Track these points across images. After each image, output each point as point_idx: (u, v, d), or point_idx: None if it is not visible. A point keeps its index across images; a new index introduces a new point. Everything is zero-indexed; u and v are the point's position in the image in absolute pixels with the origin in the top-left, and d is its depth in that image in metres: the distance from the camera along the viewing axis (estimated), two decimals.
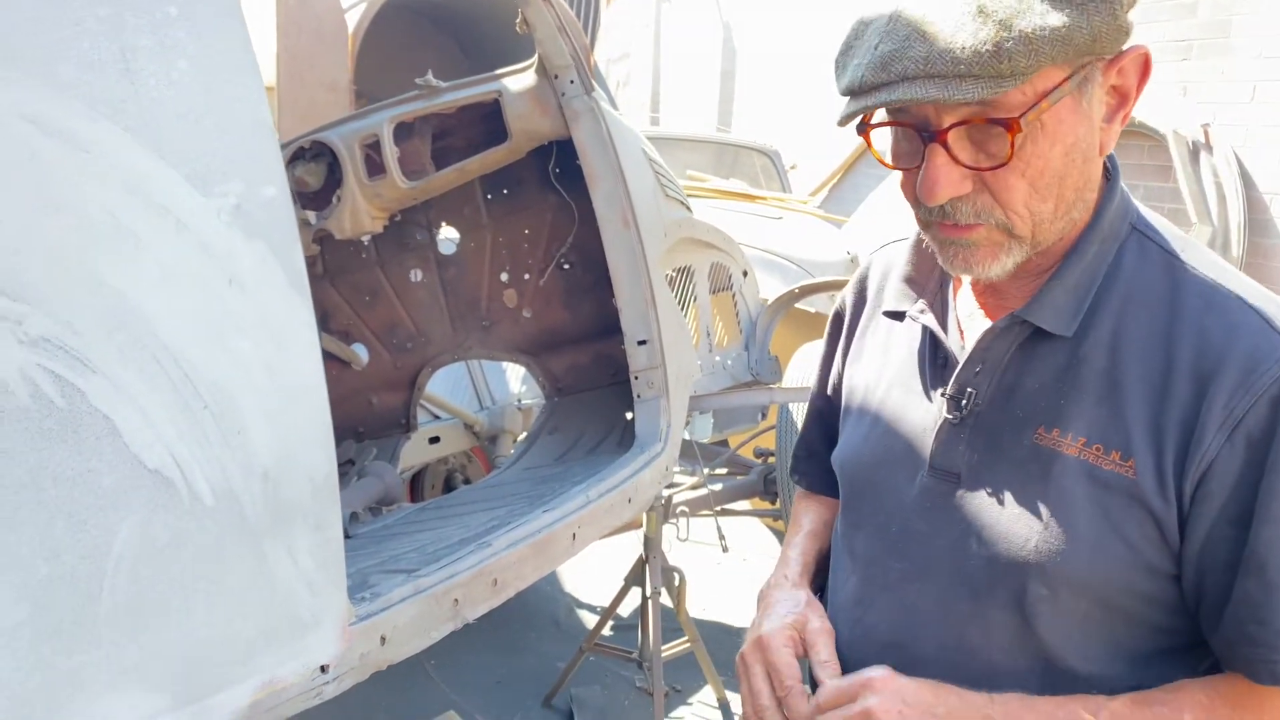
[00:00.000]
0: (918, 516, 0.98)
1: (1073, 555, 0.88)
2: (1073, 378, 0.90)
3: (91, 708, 0.95)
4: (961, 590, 0.94)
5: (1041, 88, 0.80)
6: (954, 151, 0.84)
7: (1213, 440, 0.83)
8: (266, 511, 1.11)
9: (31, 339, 0.92)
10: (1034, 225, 0.88)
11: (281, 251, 1.15)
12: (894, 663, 0.96)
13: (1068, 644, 0.91)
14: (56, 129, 0.94)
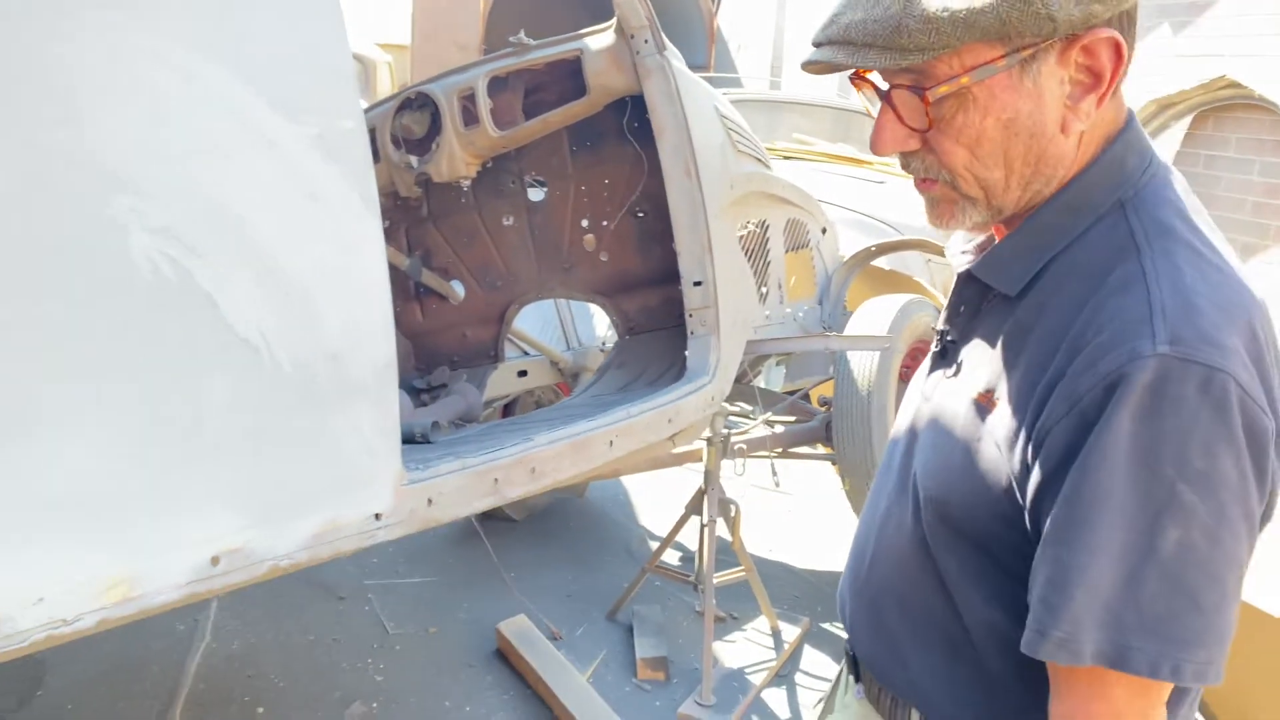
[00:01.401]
0: (906, 431, 1.10)
1: (952, 492, 0.96)
2: (1003, 332, 0.96)
3: (192, 517, 1.24)
4: (901, 504, 1.06)
5: (969, 62, 0.86)
6: (899, 110, 0.91)
7: (1056, 411, 0.84)
8: (334, 385, 1.37)
9: (152, 229, 1.19)
10: (983, 189, 0.93)
11: (356, 175, 1.41)
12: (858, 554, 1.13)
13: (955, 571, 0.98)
14: (172, 63, 1.21)
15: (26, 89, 1.08)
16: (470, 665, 2.95)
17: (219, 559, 1.26)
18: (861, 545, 1.15)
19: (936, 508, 0.98)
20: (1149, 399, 0.79)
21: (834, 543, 4.06)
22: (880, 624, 1.09)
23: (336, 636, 3.04)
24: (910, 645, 1.05)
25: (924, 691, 1.05)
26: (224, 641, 2.94)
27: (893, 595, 1.07)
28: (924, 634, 1.04)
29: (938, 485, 0.98)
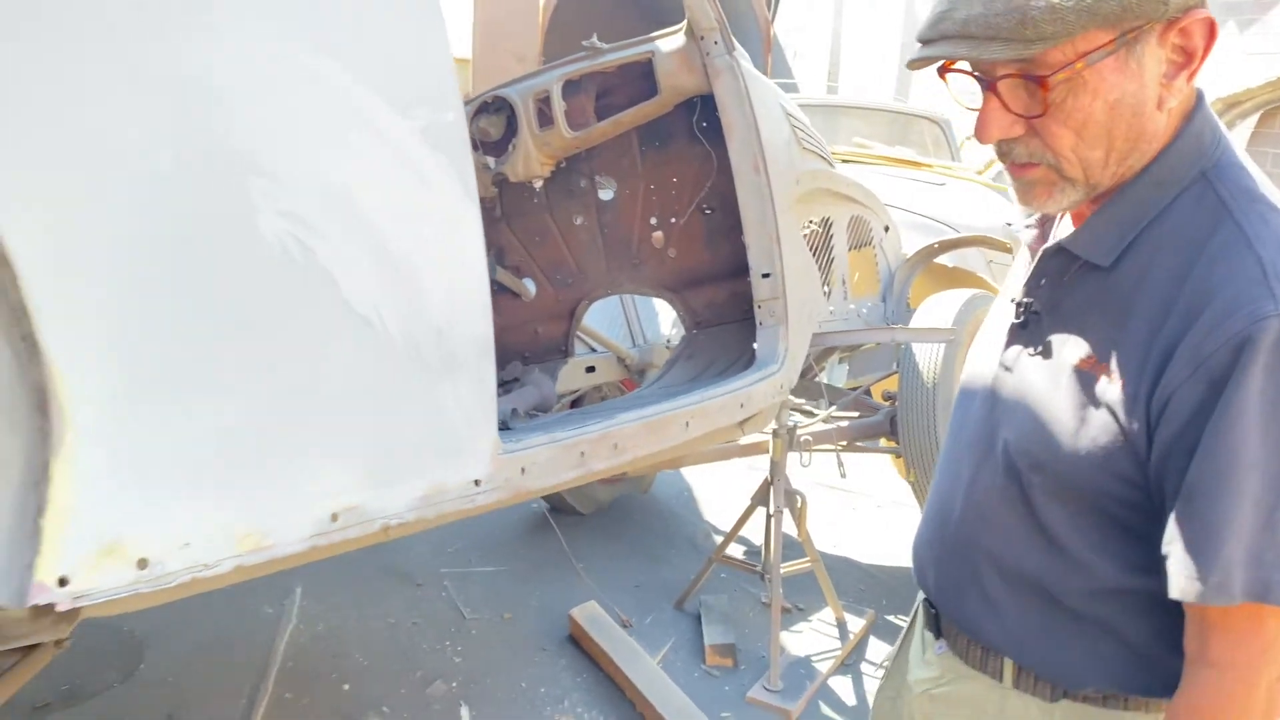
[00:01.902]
0: (983, 401, 1.16)
1: (1062, 453, 1.01)
2: (1100, 302, 1.01)
3: (315, 477, 1.35)
4: (991, 466, 1.11)
5: (1082, 48, 0.90)
6: (1005, 99, 0.96)
7: (1179, 372, 0.90)
8: (439, 358, 1.48)
9: (282, 211, 1.31)
10: (1084, 169, 0.98)
11: (457, 163, 1.52)
12: (942, 518, 1.20)
13: (1060, 528, 1.04)
14: (301, 63, 1.33)
15: (181, 83, 1.20)
16: (544, 649, 3.05)
17: (338, 515, 1.37)
18: (943, 510, 1.21)
19: (1043, 471, 1.03)
20: (1276, 358, 0.86)
21: (897, 538, 4.09)
22: (973, 581, 1.15)
23: (415, 620, 3.16)
24: (1006, 599, 1.11)
25: (1020, 641, 1.11)
26: (309, 624, 3.08)
27: (986, 553, 1.13)
28: (1019, 587, 1.10)
29: (1044, 450, 1.03)
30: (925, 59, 0.97)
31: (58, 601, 1.14)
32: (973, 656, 1.18)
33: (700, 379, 2.76)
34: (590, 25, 6.62)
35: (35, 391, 1.13)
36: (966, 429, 1.19)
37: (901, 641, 1.42)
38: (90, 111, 1.14)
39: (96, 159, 1.14)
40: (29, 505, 1.14)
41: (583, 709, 2.75)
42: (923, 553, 1.27)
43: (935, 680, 1.25)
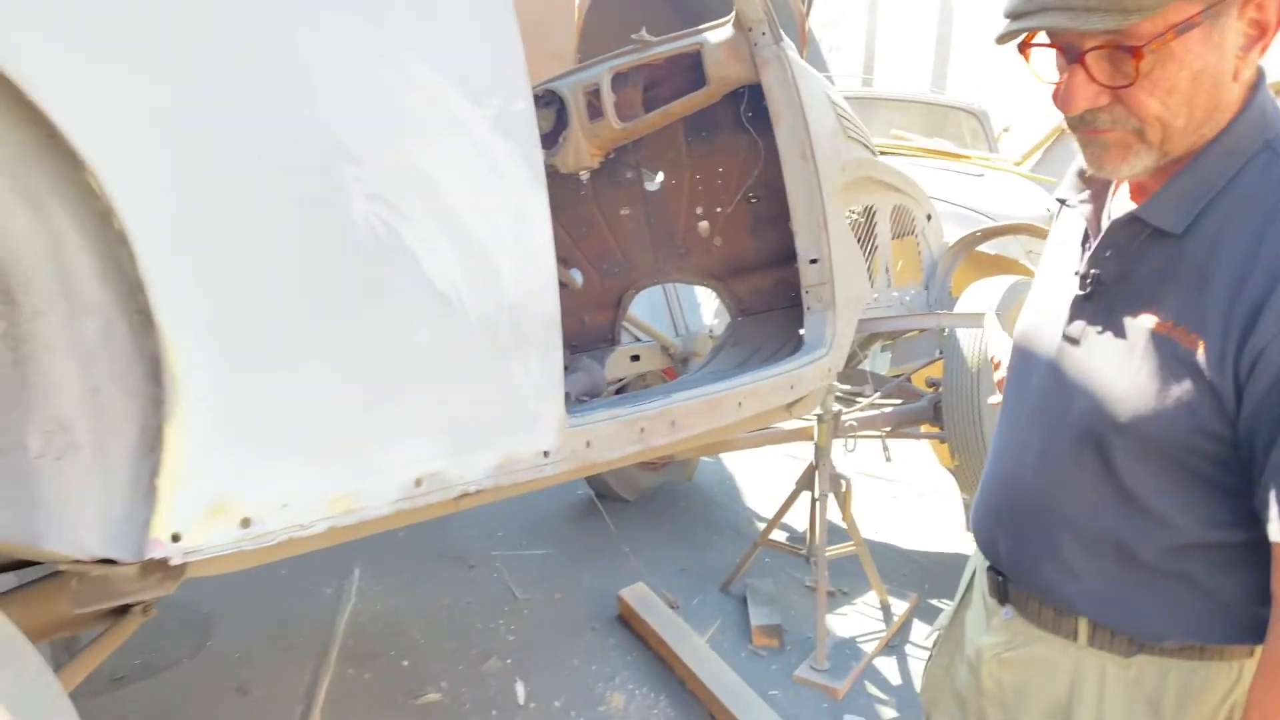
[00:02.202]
0: (1047, 373, 1.19)
1: (1147, 414, 1.05)
2: (1174, 268, 1.05)
3: (400, 444, 1.43)
4: (1063, 434, 1.15)
5: (1172, 20, 0.94)
6: (1092, 70, 1.00)
7: (1268, 329, 0.95)
8: (511, 334, 1.55)
9: (369, 194, 1.39)
10: (1164, 134, 1.02)
11: (527, 150, 1.59)
12: (1009, 487, 1.23)
13: (1142, 488, 1.08)
14: (385, 54, 1.41)
15: (278, 73, 1.29)
16: (594, 629, 3.13)
17: (421, 481, 1.45)
18: (1011, 480, 1.24)
19: (1126, 434, 1.07)
20: None
21: (938, 526, 4.12)
22: (1048, 546, 1.18)
23: (469, 601, 3.25)
24: (1084, 560, 1.15)
25: (1099, 600, 1.15)
26: (368, 603, 3.18)
27: (1062, 518, 1.16)
28: (1098, 549, 1.14)
29: (1128, 413, 1.06)
30: (1020, 30, 1.00)
31: (171, 556, 1.23)
32: (1045, 619, 1.22)
33: (747, 364, 2.82)
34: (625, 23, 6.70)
35: (150, 361, 1.22)
36: (1027, 401, 1.23)
37: (954, 614, 1.46)
38: (203, 103, 1.22)
39: (207, 147, 1.23)
40: (144, 467, 1.23)
41: (633, 686, 2.83)
42: (989, 523, 1.30)
43: (1006, 644, 1.28)
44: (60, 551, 1.20)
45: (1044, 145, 7.86)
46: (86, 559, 1.22)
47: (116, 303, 1.21)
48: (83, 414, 1.21)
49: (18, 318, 1.18)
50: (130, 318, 1.22)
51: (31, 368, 1.19)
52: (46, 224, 1.18)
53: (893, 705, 2.82)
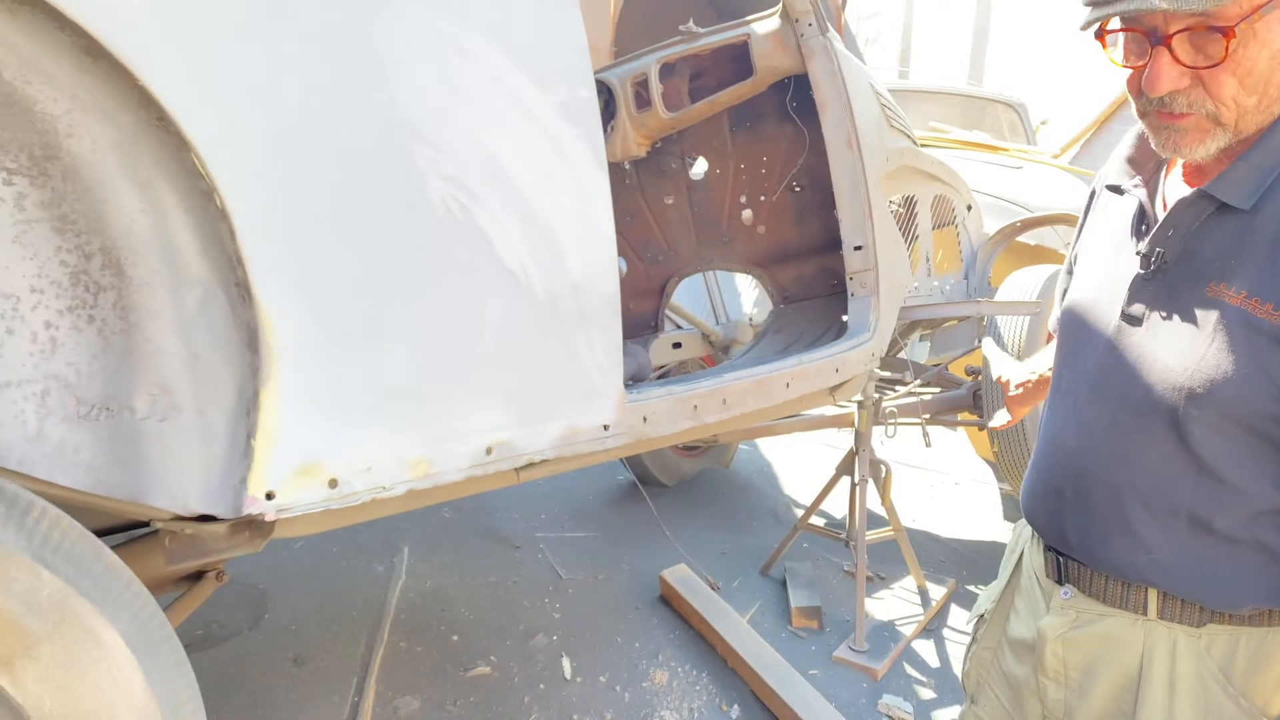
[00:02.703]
0: (1106, 352, 1.21)
1: (1224, 384, 1.07)
2: (1245, 243, 1.07)
3: (473, 413, 1.51)
4: (1129, 410, 1.17)
5: (1257, 1, 0.98)
6: (1176, 53, 1.02)
7: None
8: (575, 311, 1.63)
9: (444, 175, 1.47)
10: (1239, 115, 1.05)
11: (590, 136, 1.66)
12: (1073, 466, 1.25)
13: (1217, 458, 1.11)
14: (459, 43, 1.49)
15: (364, 61, 1.37)
16: (636, 608, 3.20)
17: (491, 449, 1.53)
18: (1073, 458, 1.26)
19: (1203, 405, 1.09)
20: None
21: (976, 514, 4.16)
22: (1118, 521, 1.21)
23: (515, 580, 3.33)
24: (1157, 533, 1.17)
25: (1174, 571, 1.17)
26: (417, 581, 3.27)
27: (1133, 492, 1.18)
28: (1171, 521, 1.16)
29: (1205, 385, 1.09)
30: (1114, 13, 1.04)
31: (265, 513, 1.31)
32: (1112, 594, 1.24)
33: (791, 349, 2.88)
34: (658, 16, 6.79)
35: (247, 330, 1.30)
36: (1084, 381, 1.26)
37: (999, 598, 1.48)
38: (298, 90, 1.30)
39: (301, 131, 1.31)
40: (241, 429, 1.31)
41: (676, 663, 2.90)
42: (1050, 503, 1.32)
43: (1071, 624, 1.29)
44: (164, 507, 1.30)
45: (1083, 138, 7.82)
46: (188, 515, 1.31)
47: (216, 276, 1.30)
48: (185, 379, 1.30)
49: (126, 288, 1.27)
50: (229, 290, 1.30)
51: (138, 335, 1.28)
52: (153, 201, 1.26)
53: (930, 686, 2.87)
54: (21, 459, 1.23)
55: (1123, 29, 1.08)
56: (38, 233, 1.24)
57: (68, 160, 1.22)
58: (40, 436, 1.25)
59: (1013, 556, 1.48)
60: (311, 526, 1.44)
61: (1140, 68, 1.07)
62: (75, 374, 1.27)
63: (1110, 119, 7.57)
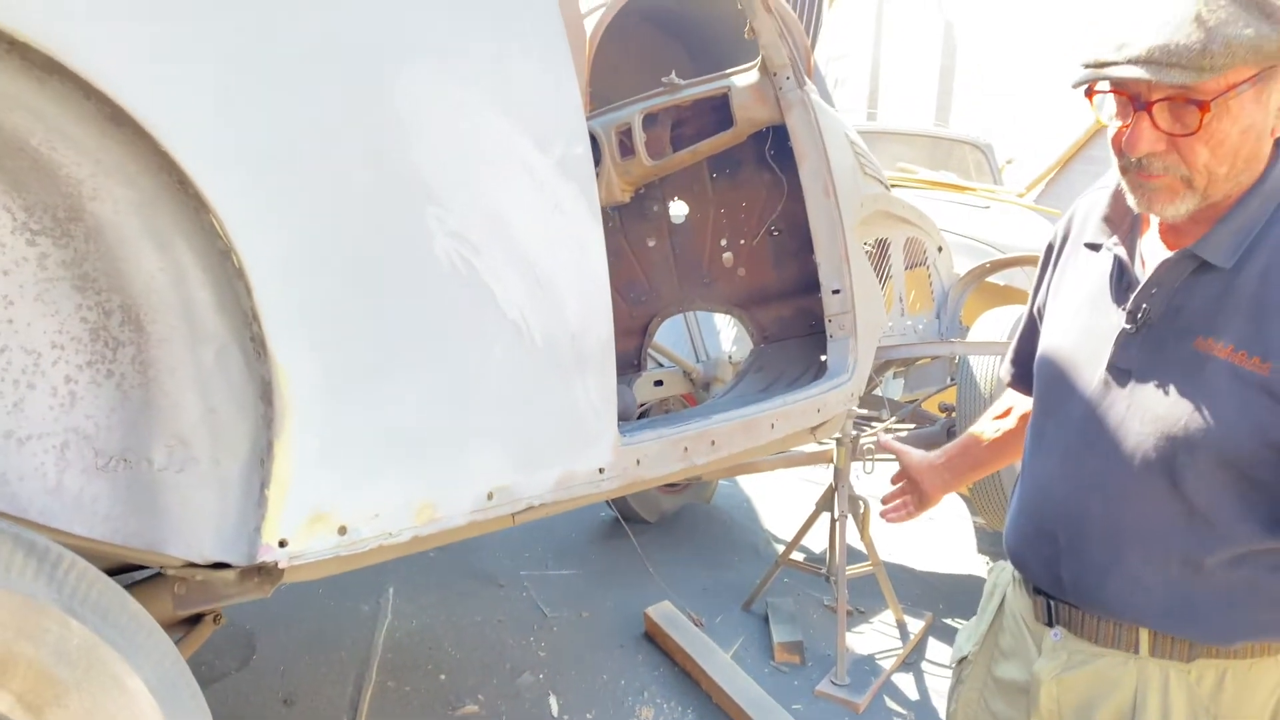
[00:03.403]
0: (1094, 404, 1.26)
1: (1215, 432, 1.14)
2: (1228, 299, 1.16)
3: (476, 459, 1.57)
4: (1124, 459, 1.23)
5: (1233, 80, 1.06)
6: (1156, 119, 1.11)
7: None
8: (572, 357, 1.69)
9: (449, 231, 1.53)
10: (1208, 181, 1.13)
11: (586, 190, 1.74)
12: (1066, 513, 1.31)
13: (1208, 502, 1.17)
14: (463, 105, 1.56)
15: (375, 125, 1.44)
16: (621, 645, 3.24)
17: (493, 494, 1.58)
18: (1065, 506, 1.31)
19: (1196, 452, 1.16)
20: None
21: (951, 547, 4.24)
22: (1114, 563, 1.26)
23: (500, 618, 3.36)
24: (1151, 574, 1.23)
25: (1162, 608, 1.23)
26: (404, 620, 3.29)
27: (1130, 535, 1.24)
28: (1164, 562, 1.22)
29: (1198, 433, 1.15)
30: (1104, 78, 1.12)
31: (279, 560, 1.36)
32: (1104, 635, 1.29)
33: (772, 389, 2.95)
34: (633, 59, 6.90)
35: (262, 383, 1.36)
36: (1072, 433, 1.31)
37: (983, 641, 1.52)
38: (312, 153, 1.37)
39: (315, 192, 1.38)
40: (255, 479, 1.36)
41: (662, 700, 2.93)
42: (1042, 548, 1.36)
43: (1064, 665, 1.33)
44: (180, 556, 1.34)
45: (1047, 177, 8.03)
46: (202, 562, 1.36)
47: (232, 331, 1.35)
48: (201, 430, 1.34)
49: (145, 343, 1.33)
50: (244, 344, 1.36)
51: (156, 389, 1.33)
52: (172, 260, 1.32)
53: (911, 719, 2.92)
54: (43, 510, 1.27)
55: (1110, 90, 1.16)
56: (59, 291, 1.29)
57: (90, 221, 1.27)
58: (60, 488, 1.30)
59: (993, 599, 1.52)
60: (319, 572, 1.49)
61: (1124, 128, 1.16)
62: (94, 426, 1.32)
63: (1073, 158, 7.79)
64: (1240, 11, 1.05)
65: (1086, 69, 1.15)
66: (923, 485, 1.70)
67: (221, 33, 1.30)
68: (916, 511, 1.71)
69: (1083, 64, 1.16)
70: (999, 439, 1.62)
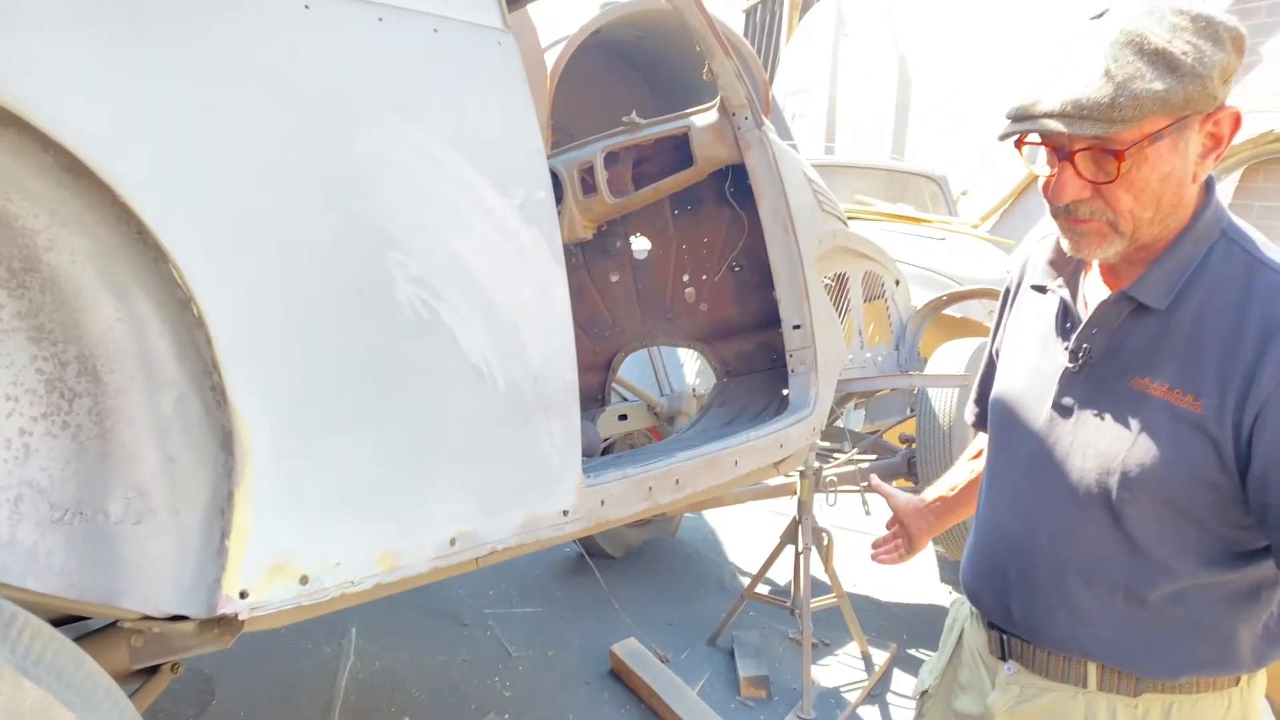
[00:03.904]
0: (1041, 441, 1.30)
1: (1152, 468, 1.18)
2: (1164, 340, 1.20)
3: (438, 504, 1.56)
4: (1068, 494, 1.27)
5: (1148, 130, 1.10)
6: (1079, 168, 1.16)
7: (1267, 385, 1.10)
8: (535, 400, 1.70)
9: (411, 277, 1.54)
10: (1134, 226, 1.18)
11: (548, 234, 1.75)
12: (1015, 548, 1.34)
13: (1148, 537, 1.21)
14: (426, 152, 1.57)
15: (335, 173, 1.44)
16: (587, 683, 3.22)
17: (455, 540, 1.58)
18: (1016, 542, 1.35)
19: (1135, 489, 1.19)
20: None
21: (914, 578, 4.27)
22: (1061, 599, 1.29)
23: (465, 658, 3.33)
24: (1097, 609, 1.27)
25: (1113, 645, 1.26)
26: (367, 661, 3.25)
27: (1076, 570, 1.27)
28: (1106, 595, 1.26)
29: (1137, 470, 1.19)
30: (1023, 130, 1.17)
31: (239, 611, 1.34)
32: (1054, 669, 1.33)
33: (735, 423, 2.97)
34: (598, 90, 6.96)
35: (222, 433, 1.35)
36: (1021, 469, 1.35)
37: (942, 674, 1.55)
38: (272, 202, 1.37)
39: (275, 240, 1.38)
40: (215, 529, 1.35)
41: None
42: (995, 583, 1.39)
43: (1016, 698, 1.36)
44: (137, 609, 1.32)
45: (1002, 208, 8.18)
46: (161, 616, 1.34)
47: (192, 380, 1.34)
48: (160, 481, 1.33)
49: (102, 394, 1.31)
50: (204, 393, 1.35)
51: (113, 440, 1.32)
52: (131, 310, 1.31)
53: None
54: None
55: (1037, 142, 1.21)
56: (14, 342, 1.27)
57: (46, 272, 1.26)
58: (13, 542, 1.27)
59: (952, 634, 1.56)
60: (280, 621, 1.47)
61: (1051, 176, 1.21)
62: (49, 479, 1.30)
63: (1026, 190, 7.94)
64: (1146, 67, 1.09)
65: (1010, 122, 1.19)
66: (910, 529, 1.71)
67: (180, 83, 1.30)
68: (907, 555, 1.72)
69: (1006, 116, 1.20)
70: (974, 480, 1.65)
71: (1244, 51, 1.15)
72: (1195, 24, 1.11)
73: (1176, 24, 1.11)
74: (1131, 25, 1.11)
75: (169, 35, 1.30)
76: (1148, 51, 1.09)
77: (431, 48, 1.60)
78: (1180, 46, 1.09)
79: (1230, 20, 1.13)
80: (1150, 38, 1.10)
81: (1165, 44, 1.09)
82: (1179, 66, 1.09)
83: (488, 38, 1.68)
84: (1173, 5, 1.12)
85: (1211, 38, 1.11)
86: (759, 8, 12.63)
